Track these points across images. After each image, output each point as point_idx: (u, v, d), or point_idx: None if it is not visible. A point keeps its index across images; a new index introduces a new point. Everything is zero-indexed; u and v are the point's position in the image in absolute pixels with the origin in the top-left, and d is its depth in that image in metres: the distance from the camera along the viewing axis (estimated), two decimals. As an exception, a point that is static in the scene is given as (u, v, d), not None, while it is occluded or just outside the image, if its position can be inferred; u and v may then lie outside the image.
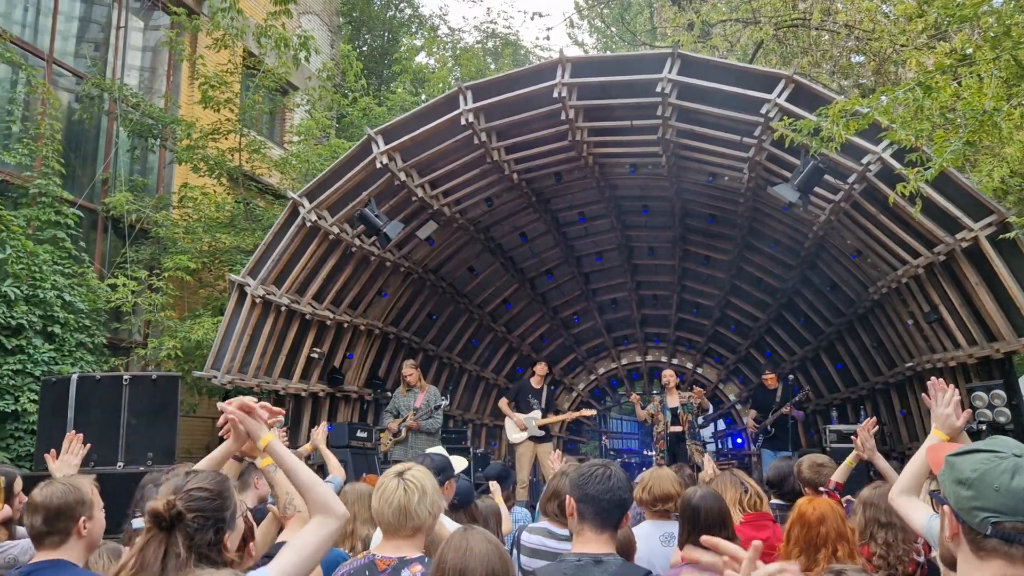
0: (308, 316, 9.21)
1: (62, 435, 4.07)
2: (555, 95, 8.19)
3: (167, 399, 6.49)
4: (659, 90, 7.91)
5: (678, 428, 9.96)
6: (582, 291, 13.01)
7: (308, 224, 8.67)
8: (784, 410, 10.28)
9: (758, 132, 7.83)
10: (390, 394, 10.03)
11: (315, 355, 9.41)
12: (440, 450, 4.26)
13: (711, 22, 14.69)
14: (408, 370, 9.55)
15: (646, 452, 13.34)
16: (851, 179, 7.58)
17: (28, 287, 8.82)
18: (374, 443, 9.09)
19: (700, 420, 10.66)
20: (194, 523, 2.13)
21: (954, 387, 2.84)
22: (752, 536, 3.85)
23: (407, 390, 9.51)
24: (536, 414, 10.52)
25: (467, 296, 11.85)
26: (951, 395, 2.80)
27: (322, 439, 5.52)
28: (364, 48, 20.17)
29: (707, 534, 3.29)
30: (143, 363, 10.84)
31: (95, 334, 9.73)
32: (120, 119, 11.23)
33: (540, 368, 10.97)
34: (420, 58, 19.18)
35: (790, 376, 10.92)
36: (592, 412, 11.37)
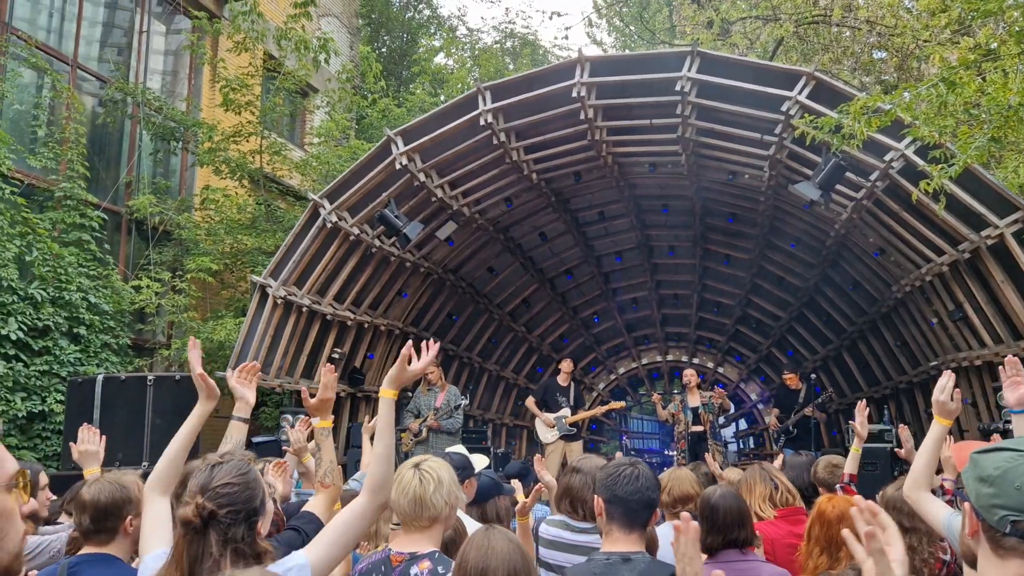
0: (329, 316, 9.26)
1: (88, 436, 4.11)
2: (574, 95, 8.17)
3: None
4: (679, 88, 7.87)
5: (699, 428, 9.91)
6: (602, 291, 12.99)
7: (329, 225, 8.72)
8: (806, 411, 10.19)
9: (779, 130, 7.77)
10: (411, 394, 10.06)
11: (336, 355, 9.45)
12: (460, 449, 4.25)
13: (731, 20, 14.62)
14: (430, 368, 9.56)
15: (667, 452, 13.28)
16: (873, 176, 7.51)
17: (54, 289, 8.95)
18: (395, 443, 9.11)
19: (721, 420, 10.59)
20: (227, 518, 2.07)
21: (950, 373, 2.95)
22: (789, 531, 3.84)
23: (428, 389, 9.53)
24: (565, 411, 10.38)
25: (487, 296, 11.87)
26: (945, 381, 2.90)
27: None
28: (383, 49, 20.22)
29: (725, 533, 3.30)
30: (167, 364, 10.96)
31: (120, 335, 9.85)
32: (143, 122, 11.35)
33: (566, 365, 10.82)
34: (439, 59, 19.19)
35: (812, 376, 10.83)
36: (622, 404, 11.20)
